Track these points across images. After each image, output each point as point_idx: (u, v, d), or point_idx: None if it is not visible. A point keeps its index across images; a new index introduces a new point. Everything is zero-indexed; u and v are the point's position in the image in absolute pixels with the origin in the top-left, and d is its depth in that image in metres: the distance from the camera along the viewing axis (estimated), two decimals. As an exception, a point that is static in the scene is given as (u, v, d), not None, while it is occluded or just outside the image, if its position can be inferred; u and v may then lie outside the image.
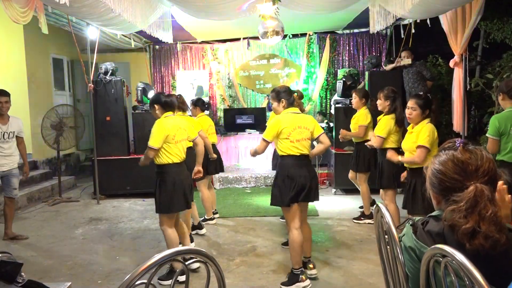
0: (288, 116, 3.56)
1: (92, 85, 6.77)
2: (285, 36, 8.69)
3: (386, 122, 4.46)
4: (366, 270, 3.85)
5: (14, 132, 4.89)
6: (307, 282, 3.51)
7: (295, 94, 3.99)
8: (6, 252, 1.32)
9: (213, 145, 5.43)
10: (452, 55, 5.77)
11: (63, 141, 6.94)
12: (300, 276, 3.48)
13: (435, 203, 1.47)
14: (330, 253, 4.33)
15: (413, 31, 6.59)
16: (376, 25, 6.57)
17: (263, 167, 8.33)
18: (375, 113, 5.05)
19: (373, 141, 4.53)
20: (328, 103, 9.15)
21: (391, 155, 4.04)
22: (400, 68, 6.63)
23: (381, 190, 4.63)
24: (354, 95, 5.49)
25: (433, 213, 1.44)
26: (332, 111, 7.51)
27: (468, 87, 5.91)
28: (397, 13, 5.63)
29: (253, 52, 9.47)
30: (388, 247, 1.61)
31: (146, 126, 7.08)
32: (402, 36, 7.13)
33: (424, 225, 1.41)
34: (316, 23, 8.26)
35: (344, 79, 7.08)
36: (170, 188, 3.65)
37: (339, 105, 7.06)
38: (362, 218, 5.35)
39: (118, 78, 7.03)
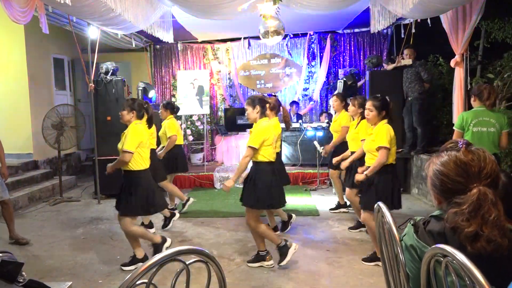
0: (271, 125, 3.90)
1: (93, 85, 6.77)
2: (285, 36, 8.69)
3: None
4: (366, 270, 3.85)
5: None
6: (271, 262, 3.97)
7: (267, 104, 4.13)
8: (7, 252, 1.32)
9: (180, 146, 5.91)
10: (453, 55, 5.76)
11: (64, 141, 6.94)
12: (266, 256, 3.99)
13: (436, 203, 1.46)
14: (331, 252, 4.33)
15: (413, 30, 6.58)
16: (377, 24, 6.58)
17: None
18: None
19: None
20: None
21: (358, 177, 3.92)
22: (401, 67, 6.63)
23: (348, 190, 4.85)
24: (335, 98, 5.68)
25: (434, 213, 1.44)
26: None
27: (469, 86, 5.90)
28: (398, 13, 5.63)
29: (253, 51, 9.48)
30: (388, 246, 1.61)
31: (147, 125, 7.07)
32: (403, 35, 7.13)
33: (425, 224, 1.41)
34: (317, 23, 8.26)
35: (344, 79, 7.08)
36: (146, 191, 3.91)
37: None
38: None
39: (119, 78, 7.03)
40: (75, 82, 9.41)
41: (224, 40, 9.40)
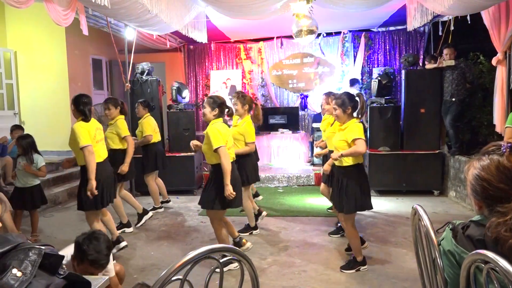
0: (224, 126, 3.92)
1: (129, 85, 6.96)
2: (318, 35, 8.61)
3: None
4: (401, 274, 3.77)
5: None
6: (249, 243, 4.42)
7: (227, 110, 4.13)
8: (49, 245, 1.38)
9: (158, 143, 6.07)
10: (495, 53, 5.52)
11: (101, 139, 7.15)
12: (242, 241, 4.37)
13: (476, 209, 1.40)
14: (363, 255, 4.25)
15: (452, 28, 6.36)
16: (414, 22, 6.39)
17: (296, 167, 8.30)
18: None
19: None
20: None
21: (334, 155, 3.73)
22: (441, 68, 6.43)
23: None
24: (325, 97, 5.25)
25: (474, 218, 1.38)
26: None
27: (512, 86, 5.63)
28: (436, 10, 5.45)
29: (286, 51, 9.44)
30: (426, 250, 1.56)
31: (181, 124, 7.21)
32: (441, 33, 6.90)
33: (464, 229, 1.35)
34: (350, 21, 8.13)
35: (379, 78, 6.94)
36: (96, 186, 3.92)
37: (374, 105, 6.92)
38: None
39: (154, 78, 7.19)
40: (112, 82, 9.71)
41: (257, 40, 9.41)
